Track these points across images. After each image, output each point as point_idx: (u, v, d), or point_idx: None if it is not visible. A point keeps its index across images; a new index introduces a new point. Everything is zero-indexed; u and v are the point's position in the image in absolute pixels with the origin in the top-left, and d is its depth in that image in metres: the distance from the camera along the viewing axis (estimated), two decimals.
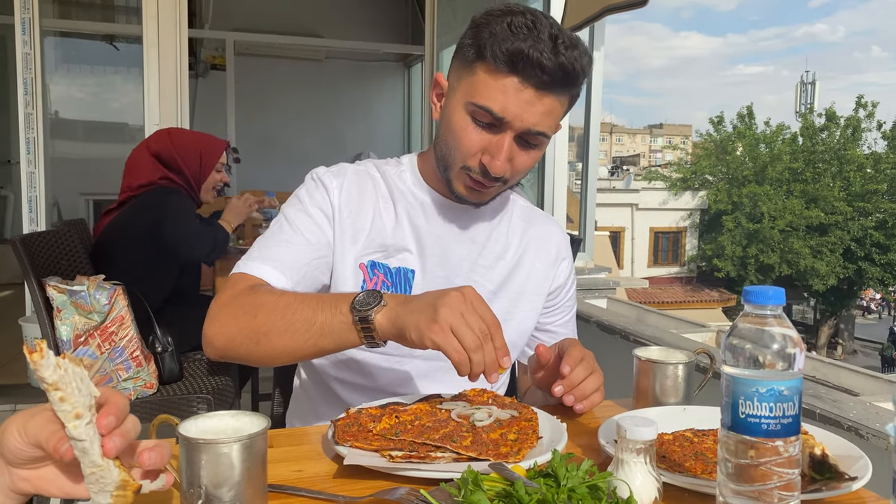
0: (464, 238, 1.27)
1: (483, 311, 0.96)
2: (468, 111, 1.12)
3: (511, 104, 1.09)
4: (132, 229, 2.62)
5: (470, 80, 1.12)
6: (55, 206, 4.77)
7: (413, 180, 1.28)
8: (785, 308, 0.75)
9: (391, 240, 1.23)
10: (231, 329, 1.07)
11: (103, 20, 6.57)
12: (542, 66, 1.06)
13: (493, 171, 1.12)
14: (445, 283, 1.24)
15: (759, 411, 0.72)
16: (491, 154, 1.12)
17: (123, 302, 2.21)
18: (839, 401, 2.27)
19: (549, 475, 0.80)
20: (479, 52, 1.10)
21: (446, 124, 1.16)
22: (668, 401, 1.13)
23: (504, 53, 1.06)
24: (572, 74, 1.09)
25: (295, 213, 1.21)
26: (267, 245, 1.18)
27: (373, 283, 1.21)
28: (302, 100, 7.54)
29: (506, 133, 1.11)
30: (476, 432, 0.96)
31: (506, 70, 1.08)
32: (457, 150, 1.15)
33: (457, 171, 1.17)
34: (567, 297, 1.40)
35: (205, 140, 2.85)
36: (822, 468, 0.85)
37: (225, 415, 0.82)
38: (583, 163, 4.89)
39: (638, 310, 8.63)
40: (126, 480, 0.62)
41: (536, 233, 1.35)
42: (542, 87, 1.08)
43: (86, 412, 0.61)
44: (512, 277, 1.30)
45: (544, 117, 1.11)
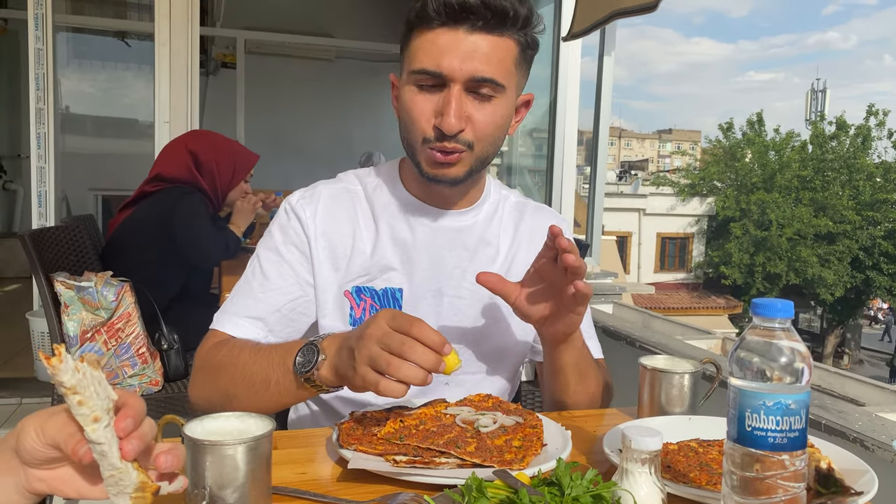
0: (454, 245, 1.22)
1: (398, 323, 0.91)
2: (412, 82, 1.09)
3: (444, 54, 1.05)
4: (146, 227, 2.63)
5: (407, 55, 1.11)
6: (64, 202, 4.79)
7: (394, 188, 1.23)
8: (792, 317, 0.75)
9: (373, 260, 1.18)
10: (206, 392, 1.12)
11: (115, 17, 6.60)
12: (465, 6, 1.03)
13: (445, 128, 1.06)
14: (437, 295, 1.21)
15: (765, 424, 0.72)
16: (441, 113, 1.07)
17: (130, 299, 2.22)
18: (845, 412, 2.26)
19: (554, 483, 0.80)
20: (409, 25, 1.09)
21: (401, 110, 1.13)
22: (674, 410, 1.13)
23: (428, 10, 1.05)
24: (501, 10, 1.05)
25: (267, 256, 1.19)
26: (240, 296, 1.18)
27: (360, 308, 1.17)
28: (311, 99, 7.55)
29: (451, 87, 1.07)
30: (480, 438, 0.96)
31: (435, 24, 1.06)
32: (412, 125, 1.10)
33: (419, 147, 1.11)
34: None
35: (241, 152, 2.92)
36: (827, 482, 0.85)
37: (230, 416, 0.82)
38: (591, 167, 4.89)
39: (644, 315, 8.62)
40: (145, 482, 0.63)
41: (528, 225, 1.30)
42: (472, 27, 1.05)
43: (104, 415, 0.61)
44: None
45: (484, 60, 1.06)
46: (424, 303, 1.21)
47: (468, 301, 1.23)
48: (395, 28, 4.02)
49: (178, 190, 2.64)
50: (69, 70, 6.81)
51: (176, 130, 3.46)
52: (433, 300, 1.21)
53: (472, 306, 1.23)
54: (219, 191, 2.79)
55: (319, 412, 1.27)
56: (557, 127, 4.60)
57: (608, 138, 4.96)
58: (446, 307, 1.22)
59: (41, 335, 3.46)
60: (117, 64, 7.17)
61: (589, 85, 4.79)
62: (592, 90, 4.70)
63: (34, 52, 3.50)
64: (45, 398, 3.20)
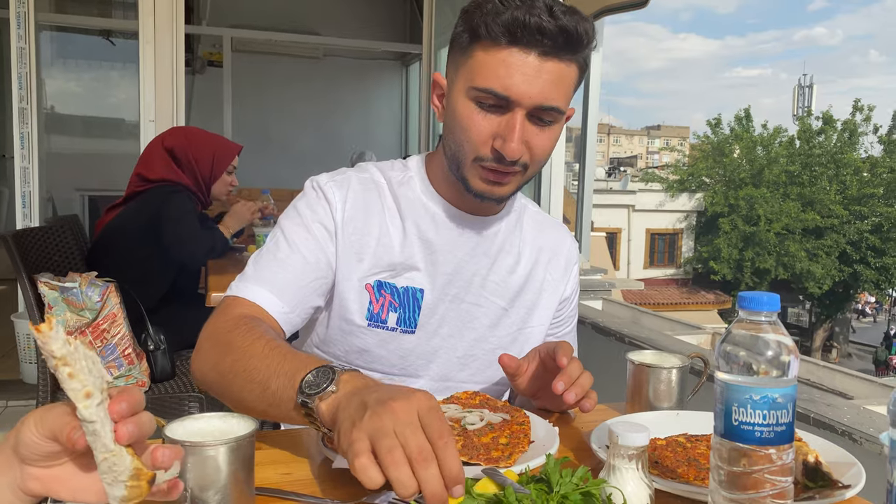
0: (476, 252, 1.20)
1: (431, 423, 0.74)
2: (471, 98, 1.05)
3: (515, 78, 1.01)
4: (133, 228, 2.61)
5: (468, 65, 1.05)
6: (50, 202, 4.75)
7: (422, 188, 1.19)
8: (780, 311, 0.74)
9: (399, 257, 1.15)
10: (205, 366, 1.02)
11: (100, 15, 6.54)
12: (542, 30, 1.00)
13: (507, 154, 1.03)
14: (456, 301, 1.19)
15: (752, 419, 0.71)
16: (503, 137, 1.04)
17: (116, 299, 2.20)
18: (833, 405, 2.27)
19: (542, 480, 0.79)
20: (473, 34, 1.04)
21: (451, 119, 1.09)
22: (662, 405, 1.12)
23: (500, 26, 1.00)
24: (575, 36, 1.02)
25: (294, 229, 1.13)
26: (262, 264, 1.12)
27: (379, 304, 1.14)
28: (299, 97, 7.52)
29: (515, 112, 1.03)
30: (467, 436, 0.95)
31: (504, 42, 1.01)
32: (466, 143, 1.07)
33: (469, 164, 1.08)
34: (571, 307, 1.35)
35: (219, 142, 2.87)
36: (815, 476, 0.84)
37: (213, 416, 0.81)
38: (580, 163, 4.89)
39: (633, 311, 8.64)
40: (139, 469, 0.61)
41: (547, 242, 1.29)
42: (544, 53, 1.02)
43: (97, 392, 0.59)
44: (523, 292, 1.25)
45: (553, 88, 1.03)
46: (442, 306, 1.19)
47: (484, 309, 1.22)
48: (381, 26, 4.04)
49: (164, 189, 2.62)
50: (54, 69, 6.74)
51: (162, 129, 3.43)
52: (451, 304, 1.19)
53: (487, 315, 1.22)
54: (202, 184, 2.76)
55: None
56: None
57: (597, 135, 4.96)
58: (463, 313, 1.20)
59: (26, 337, 3.43)
60: (102, 63, 7.11)
61: None
62: (581, 87, 4.71)
63: (16, 50, 3.47)
64: (31, 401, 3.17)
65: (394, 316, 1.15)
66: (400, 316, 1.15)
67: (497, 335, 1.23)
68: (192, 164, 2.71)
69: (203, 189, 2.77)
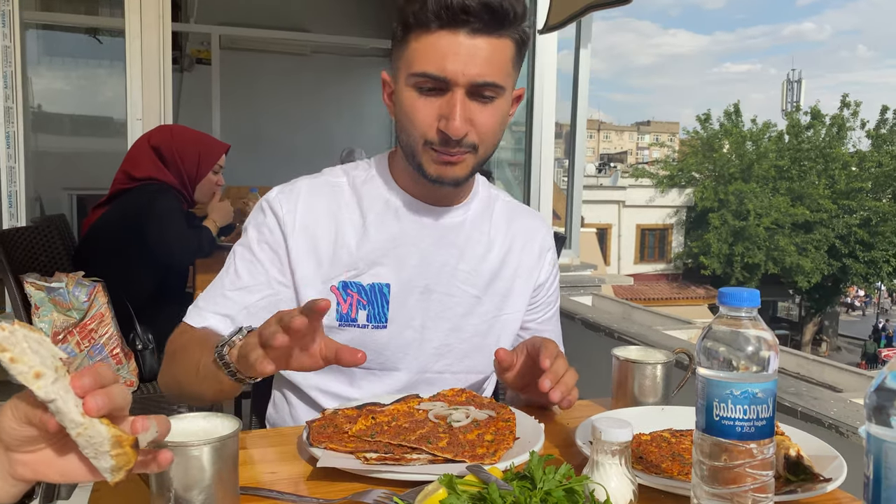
0: (443, 242, 1.22)
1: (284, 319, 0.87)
2: (411, 85, 1.09)
3: (448, 59, 1.05)
4: (119, 227, 2.59)
5: (405, 56, 1.09)
6: (37, 202, 4.71)
7: (385, 184, 1.22)
8: (771, 305, 0.75)
9: (359, 255, 1.18)
10: (164, 378, 1.15)
11: (86, 13, 6.49)
12: (467, 9, 1.03)
13: (452, 132, 1.07)
14: (426, 292, 1.20)
15: (733, 414, 0.72)
16: (446, 117, 1.07)
17: (103, 299, 2.19)
18: (820, 398, 2.29)
19: (526, 477, 0.80)
20: (405, 26, 1.08)
21: (399, 111, 1.13)
22: (647, 401, 1.13)
23: (427, 12, 1.04)
24: (500, 12, 1.05)
25: (241, 253, 1.19)
26: (211, 293, 1.18)
27: (347, 303, 1.17)
28: (288, 94, 7.49)
29: (454, 92, 1.07)
30: (453, 433, 0.95)
31: (434, 27, 1.05)
32: (413, 129, 1.10)
33: (421, 149, 1.11)
34: (549, 293, 1.36)
35: (205, 141, 2.84)
36: (796, 469, 0.85)
37: (196, 416, 0.81)
38: (569, 159, 4.90)
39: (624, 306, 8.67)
40: (119, 436, 0.60)
41: (520, 228, 1.30)
42: (473, 31, 1.05)
43: (48, 371, 0.59)
44: (497, 279, 1.26)
45: (486, 63, 1.06)
46: (412, 298, 1.20)
47: (457, 299, 1.23)
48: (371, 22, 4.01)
49: (151, 187, 2.60)
50: (40, 68, 6.69)
51: (149, 128, 3.40)
52: (421, 296, 1.21)
53: (460, 304, 1.23)
54: (187, 183, 2.74)
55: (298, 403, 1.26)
56: (535, 120, 4.60)
57: (586, 131, 4.98)
58: (434, 304, 1.21)
59: None
60: (89, 61, 7.06)
61: (566, 78, 4.80)
62: (570, 83, 4.71)
63: (1, 49, 3.44)
64: None
65: (363, 313, 1.18)
66: (369, 312, 1.18)
67: (472, 323, 1.24)
68: (178, 161, 2.69)
69: (188, 187, 2.75)
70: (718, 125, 25.58)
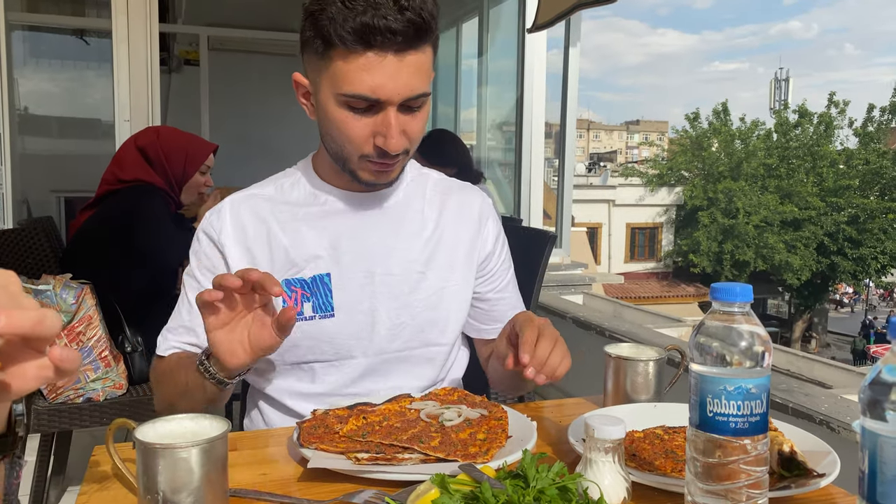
0: (377, 225, 1.23)
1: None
2: (341, 104, 1.08)
3: (379, 81, 1.04)
4: (107, 230, 2.56)
5: (329, 71, 1.07)
6: (25, 204, 4.67)
7: (311, 184, 1.24)
8: (760, 302, 0.75)
9: (296, 252, 1.20)
10: (160, 407, 1.19)
11: (73, 14, 6.45)
12: (392, 30, 1.02)
13: (391, 150, 1.08)
14: (368, 275, 1.21)
15: (726, 409, 0.72)
16: (383, 135, 1.08)
17: (91, 301, 2.17)
18: (811, 395, 2.30)
19: (519, 476, 0.79)
20: (326, 41, 1.05)
21: (326, 122, 1.13)
22: (640, 398, 1.13)
23: (350, 33, 1.02)
24: (424, 25, 1.05)
25: (189, 283, 1.23)
26: (175, 322, 1.23)
27: (292, 300, 1.19)
28: (277, 95, 7.42)
29: (388, 110, 1.07)
30: (445, 432, 0.94)
31: (360, 48, 1.03)
32: (347, 144, 1.11)
33: (356, 162, 1.13)
34: (500, 261, 1.36)
35: (193, 141, 2.81)
36: (790, 465, 0.85)
37: (184, 418, 0.80)
38: (559, 159, 4.90)
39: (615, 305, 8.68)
40: None
41: (455, 202, 1.31)
42: (400, 50, 1.04)
43: None
44: (437, 252, 1.26)
45: (416, 78, 1.07)
46: (354, 283, 1.21)
47: (400, 277, 1.23)
48: None
49: (138, 189, 2.57)
50: (27, 70, 6.64)
51: (137, 129, 3.37)
52: (364, 280, 1.22)
53: (404, 282, 1.23)
54: (173, 184, 2.71)
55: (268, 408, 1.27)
56: (524, 120, 4.61)
57: (576, 130, 4.98)
58: (378, 286, 1.22)
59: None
60: (77, 62, 7.01)
61: (556, 78, 4.80)
62: (559, 83, 4.72)
63: None
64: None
65: (308, 305, 1.19)
66: (314, 303, 1.19)
67: (419, 298, 1.24)
68: (164, 162, 2.66)
69: (175, 189, 2.72)
70: (707, 124, 25.69)
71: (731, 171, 23.74)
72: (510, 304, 1.35)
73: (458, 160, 3.27)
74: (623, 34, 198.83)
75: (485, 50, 5.24)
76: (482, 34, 5.22)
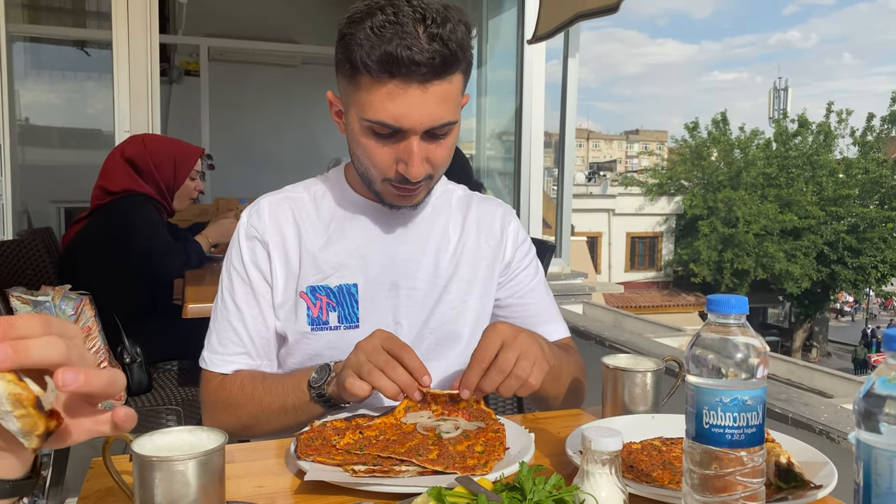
0: (405, 239, 1.25)
1: (390, 345, 1.03)
2: (366, 128, 1.09)
3: (402, 110, 1.05)
4: (100, 240, 2.56)
5: (357, 95, 1.09)
6: (25, 214, 4.68)
7: (343, 194, 1.26)
8: (761, 311, 0.75)
9: (324, 259, 1.21)
10: (227, 427, 1.15)
11: (74, 25, 6.47)
12: (416, 62, 1.02)
13: (412, 177, 1.10)
14: (394, 288, 1.23)
15: (723, 421, 0.72)
16: (405, 162, 1.09)
17: (90, 312, 2.17)
18: (811, 404, 2.29)
19: (516, 488, 0.79)
20: (353, 66, 1.06)
21: (353, 143, 1.14)
22: (638, 409, 1.12)
23: (375, 62, 1.03)
24: (451, 56, 1.04)
25: (235, 287, 1.22)
26: (222, 333, 1.22)
27: (317, 307, 1.20)
28: (277, 106, 7.48)
29: (411, 138, 1.08)
30: (443, 445, 0.94)
31: (385, 77, 1.04)
32: (371, 168, 1.13)
33: (380, 184, 1.15)
34: (522, 266, 1.35)
35: (180, 147, 2.80)
36: (787, 477, 0.85)
37: (182, 430, 0.80)
38: (559, 169, 4.90)
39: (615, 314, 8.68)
40: (17, 394, 0.51)
41: (476, 214, 1.32)
42: (425, 80, 1.04)
43: None
44: (459, 266, 1.28)
45: (440, 107, 1.07)
46: (380, 296, 1.23)
47: (424, 291, 1.25)
48: None
49: (130, 199, 2.56)
50: (28, 81, 6.66)
51: None
52: (389, 293, 1.23)
53: (428, 296, 1.25)
54: (165, 191, 2.70)
55: None
56: (524, 130, 4.62)
57: (576, 140, 4.99)
58: (403, 299, 1.24)
59: None
60: (78, 74, 7.03)
61: (555, 88, 4.82)
62: (559, 93, 4.73)
63: None
64: None
65: (334, 315, 1.21)
66: (340, 314, 1.21)
67: (440, 311, 1.26)
68: (153, 171, 2.64)
69: (167, 197, 2.71)
70: (706, 133, 25.73)
71: (731, 181, 23.76)
72: (534, 312, 1.34)
73: (459, 171, 3.28)
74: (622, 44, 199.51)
75: (484, 61, 5.26)
76: (481, 45, 5.24)
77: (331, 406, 1.10)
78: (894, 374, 0.61)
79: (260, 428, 1.16)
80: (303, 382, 1.11)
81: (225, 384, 1.19)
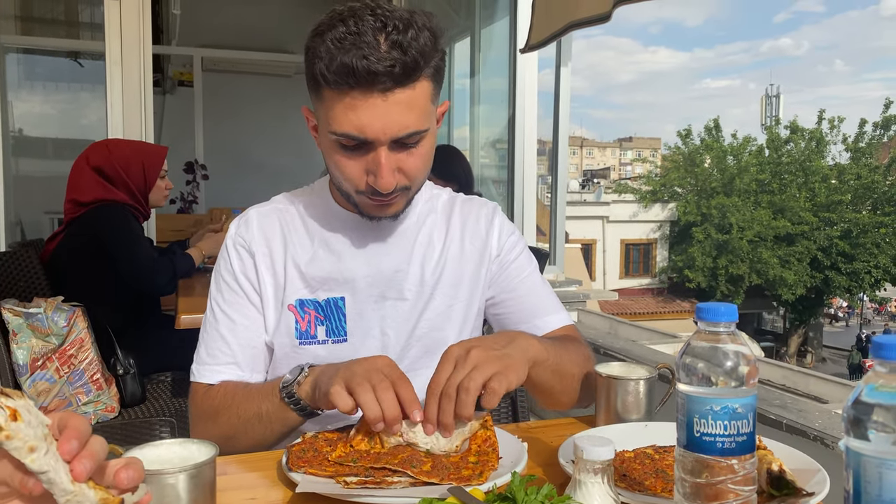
0: (391, 250, 1.24)
1: (390, 372, 0.98)
2: (334, 141, 1.08)
3: (365, 120, 1.03)
4: (80, 254, 2.52)
5: (323, 109, 1.08)
6: (18, 226, 4.67)
7: (327, 206, 1.25)
8: (756, 317, 0.75)
9: (311, 273, 1.20)
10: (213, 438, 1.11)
11: (67, 36, 6.48)
12: (373, 72, 1.00)
13: (381, 189, 1.07)
14: (381, 300, 1.22)
15: (713, 430, 0.72)
16: (374, 173, 1.08)
17: (83, 324, 2.16)
18: (805, 410, 2.29)
19: (508, 498, 0.79)
20: (315, 80, 1.05)
21: (326, 157, 1.13)
22: (630, 417, 1.12)
23: (333, 74, 1.01)
24: (410, 63, 1.02)
25: (225, 297, 1.21)
26: (211, 344, 1.20)
27: (305, 321, 1.19)
28: (271, 115, 7.48)
29: (378, 149, 1.06)
30: (436, 457, 0.94)
31: (345, 88, 1.02)
32: (344, 182, 1.12)
33: (355, 196, 1.13)
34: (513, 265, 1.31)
35: (145, 149, 2.79)
36: (779, 484, 0.85)
37: (172, 443, 0.79)
38: (552, 176, 4.92)
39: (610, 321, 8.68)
40: (105, 499, 0.59)
41: (459, 217, 1.30)
42: (385, 89, 1.02)
43: (40, 443, 0.57)
44: (444, 273, 1.26)
45: (405, 116, 1.04)
46: (368, 308, 1.22)
47: (411, 302, 1.24)
48: None
49: (103, 209, 2.52)
50: (22, 92, 6.66)
51: None
52: (376, 305, 1.22)
53: (415, 307, 1.24)
54: (138, 195, 2.68)
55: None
56: (517, 138, 4.63)
57: (569, 148, 5.00)
58: (389, 310, 1.23)
59: None
60: (71, 84, 7.03)
61: (548, 96, 4.84)
62: (552, 101, 4.75)
63: None
64: None
65: (321, 329, 1.20)
66: (328, 327, 1.20)
67: (427, 318, 1.25)
68: (123, 176, 2.61)
69: (141, 200, 2.69)
70: (699, 140, 25.83)
71: (724, 187, 23.85)
72: (531, 303, 1.30)
73: (463, 177, 3.29)
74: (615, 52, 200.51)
75: (477, 70, 5.28)
76: (474, 54, 5.26)
77: (301, 410, 1.05)
78: (882, 381, 0.61)
79: (241, 440, 1.11)
80: (275, 387, 1.07)
81: (210, 393, 1.17)
